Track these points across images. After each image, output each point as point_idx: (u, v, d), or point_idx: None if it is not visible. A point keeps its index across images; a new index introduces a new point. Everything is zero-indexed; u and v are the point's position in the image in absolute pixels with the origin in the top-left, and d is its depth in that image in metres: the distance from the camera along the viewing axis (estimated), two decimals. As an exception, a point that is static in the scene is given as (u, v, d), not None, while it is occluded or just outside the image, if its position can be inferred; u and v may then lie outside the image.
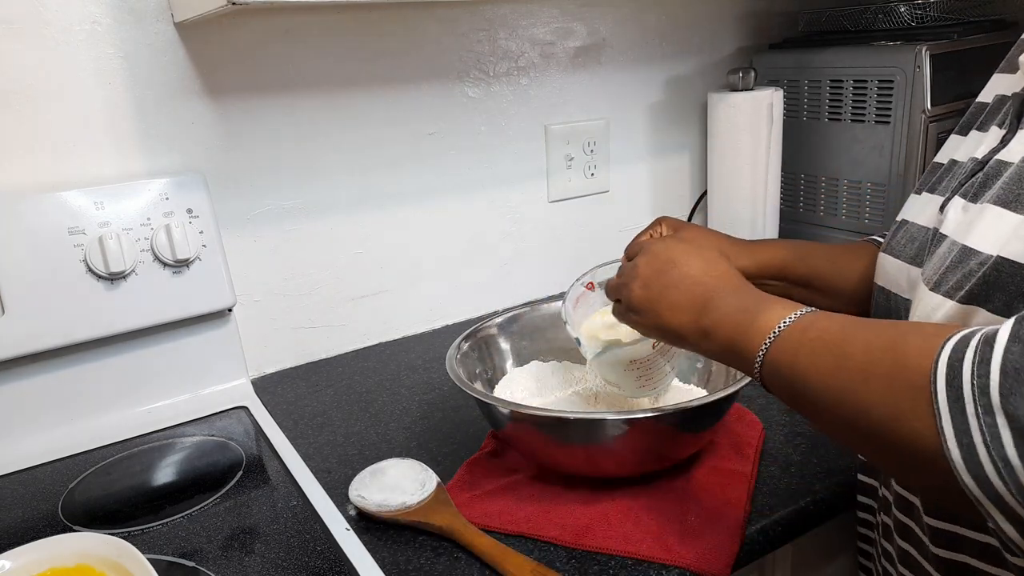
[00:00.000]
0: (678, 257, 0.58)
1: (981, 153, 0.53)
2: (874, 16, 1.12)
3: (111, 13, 0.83)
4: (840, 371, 0.42)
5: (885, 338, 0.41)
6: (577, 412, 0.73)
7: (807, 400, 0.45)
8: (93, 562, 0.54)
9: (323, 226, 1.01)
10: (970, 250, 0.46)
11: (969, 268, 0.45)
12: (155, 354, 0.88)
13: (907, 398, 0.38)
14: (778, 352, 0.47)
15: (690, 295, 0.55)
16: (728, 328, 0.52)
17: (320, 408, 0.91)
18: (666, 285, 0.57)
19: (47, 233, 0.79)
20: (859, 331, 0.43)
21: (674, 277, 0.57)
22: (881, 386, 0.40)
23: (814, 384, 0.44)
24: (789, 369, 0.46)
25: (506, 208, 1.16)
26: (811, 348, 0.45)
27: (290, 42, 0.93)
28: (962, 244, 0.47)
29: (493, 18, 1.07)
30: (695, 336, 0.54)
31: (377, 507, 0.67)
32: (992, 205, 0.46)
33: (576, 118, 1.18)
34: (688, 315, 0.55)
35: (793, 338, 0.47)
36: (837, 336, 0.44)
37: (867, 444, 0.42)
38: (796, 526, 0.66)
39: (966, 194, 0.50)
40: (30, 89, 0.81)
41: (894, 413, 0.39)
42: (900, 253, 0.57)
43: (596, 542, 0.62)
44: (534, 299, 1.20)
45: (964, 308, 0.45)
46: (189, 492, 0.74)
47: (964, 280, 0.45)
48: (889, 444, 0.40)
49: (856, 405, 0.41)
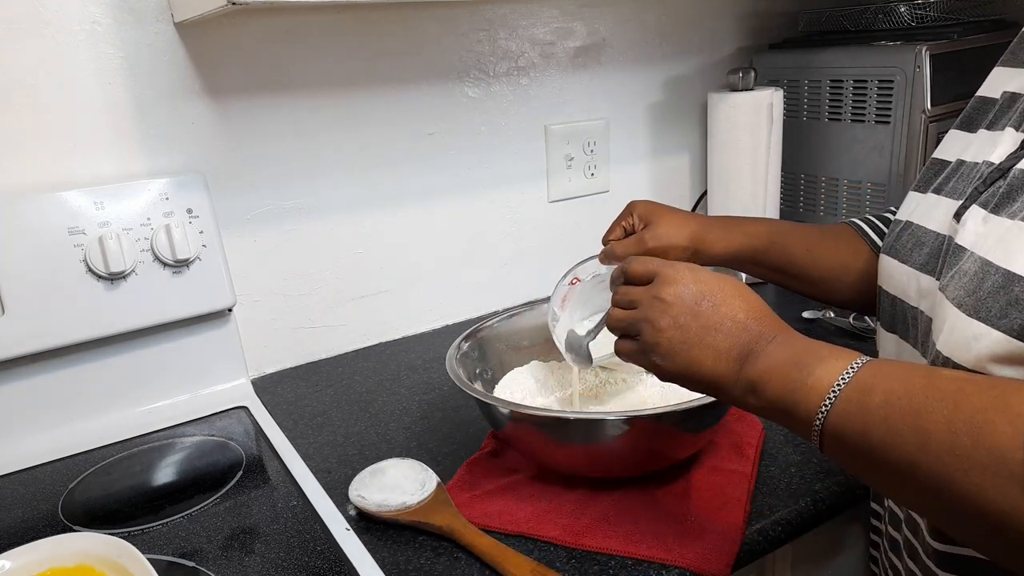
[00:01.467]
0: (716, 292, 0.51)
1: (998, 158, 0.50)
2: (874, 16, 1.12)
3: (111, 13, 0.83)
4: (926, 453, 0.38)
5: (965, 415, 0.38)
6: (577, 412, 0.73)
7: (882, 476, 0.42)
8: (93, 562, 0.54)
9: (323, 226, 1.01)
10: (1014, 276, 0.42)
11: (1015, 296, 0.41)
12: (155, 354, 0.88)
13: (1006, 488, 0.35)
14: (841, 419, 0.42)
15: (735, 340, 0.48)
16: (778, 384, 0.46)
17: (320, 408, 0.91)
18: (705, 327, 0.49)
19: (47, 233, 0.79)
20: (932, 403, 0.39)
21: (714, 318, 0.49)
22: (979, 479, 0.36)
23: (894, 463, 0.40)
24: (860, 440, 0.41)
25: (506, 208, 1.16)
26: (883, 419, 0.40)
27: (290, 42, 0.93)
28: (1004, 269, 0.43)
29: (493, 18, 1.07)
30: (738, 389, 0.48)
31: (377, 507, 0.67)
32: None
33: (576, 118, 1.18)
34: (730, 364, 0.48)
35: (855, 402, 0.42)
36: (909, 408, 0.39)
37: (953, 521, 0.40)
38: (796, 526, 0.66)
39: (987, 204, 0.47)
40: (30, 89, 0.81)
41: (992, 502, 0.36)
42: (907, 258, 0.55)
43: (596, 542, 0.62)
44: (534, 299, 1.20)
45: (1015, 344, 0.41)
46: (189, 492, 0.74)
47: (1010, 309, 0.42)
48: (980, 528, 0.37)
49: (942, 488, 0.38)
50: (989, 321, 0.43)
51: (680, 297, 0.51)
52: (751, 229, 0.72)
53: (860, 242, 0.70)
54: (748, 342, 0.48)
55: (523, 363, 0.85)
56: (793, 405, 0.45)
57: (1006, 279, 0.42)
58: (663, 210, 0.74)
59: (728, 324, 0.49)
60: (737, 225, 0.73)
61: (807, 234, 0.71)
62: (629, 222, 0.74)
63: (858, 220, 0.72)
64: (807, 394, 0.44)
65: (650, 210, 0.73)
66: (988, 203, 0.47)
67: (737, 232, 0.71)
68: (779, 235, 0.71)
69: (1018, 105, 0.52)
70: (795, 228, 0.72)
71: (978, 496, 0.36)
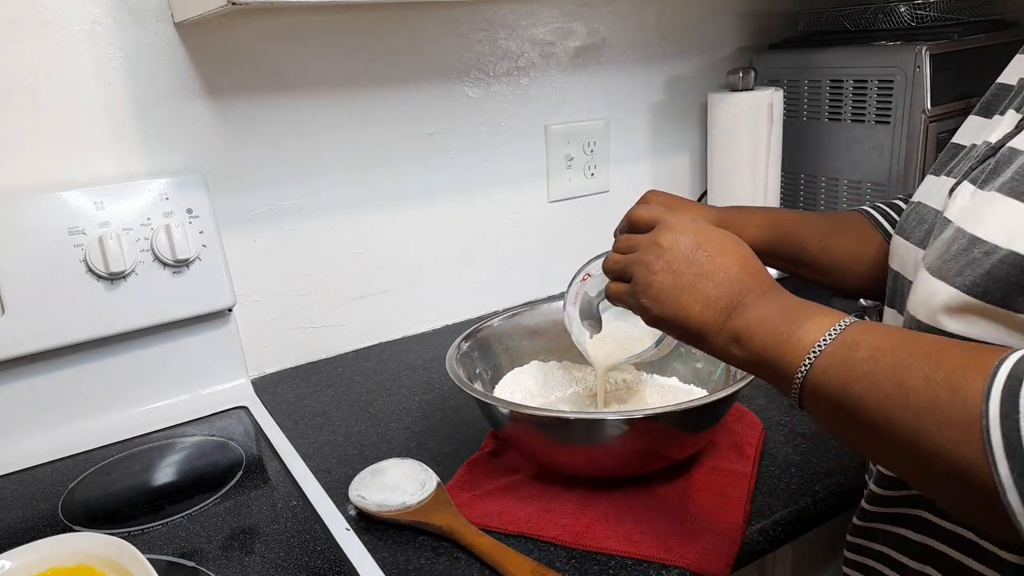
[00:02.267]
0: (713, 243, 0.51)
1: (995, 138, 0.51)
2: (874, 16, 1.12)
3: (111, 13, 0.83)
4: (904, 407, 0.39)
5: (944, 373, 0.38)
6: (577, 412, 0.73)
7: (856, 428, 0.42)
8: (93, 562, 0.54)
9: (323, 226, 1.01)
10: (977, 239, 0.44)
11: (973, 257, 0.43)
12: (155, 354, 0.88)
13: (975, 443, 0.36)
14: (824, 373, 0.43)
15: (725, 290, 0.49)
16: (764, 335, 0.46)
17: (320, 408, 0.91)
18: (698, 274, 0.50)
19: (47, 233, 0.79)
20: (915, 360, 0.40)
21: (708, 267, 0.50)
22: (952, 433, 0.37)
23: (870, 415, 0.41)
24: (839, 393, 0.42)
25: (506, 208, 1.16)
26: (865, 374, 0.41)
27: (290, 42, 0.93)
28: (970, 233, 0.45)
29: (493, 18, 1.07)
30: (722, 339, 0.49)
31: (377, 507, 0.67)
32: (1000, 194, 0.44)
33: (576, 118, 1.18)
34: (717, 314, 0.49)
35: (840, 357, 0.42)
36: (891, 363, 0.40)
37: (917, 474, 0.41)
38: (796, 526, 0.66)
39: (976, 180, 0.49)
40: (30, 89, 0.81)
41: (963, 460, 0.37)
42: (910, 235, 0.56)
43: (596, 542, 0.62)
44: (534, 299, 1.20)
45: (964, 298, 0.44)
46: (189, 492, 0.74)
47: (966, 268, 0.44)
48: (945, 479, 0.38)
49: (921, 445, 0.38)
50: (947, 279, 0.45)
51: (677, 243, 0.52)
52: (764, 221, 0.72)
53: (871, 229, 0.70)
54: (739, 293, 0.49)
55: (523, 363, 0.85)
56: (778, 357, 0.45)
57: (970, 242, 0.44)
58: (679, 203, 0.72)
59: (721, 274, 0.50)
60: (751, 216, 0.72)
61: (819, 224, 0.71)
62: None
63: (868, 207, 0.72)
64: (792, 347, 0.44)
65: (664, 201, 0.71)
66: (977, 179, 0.48)
67: (752, 225, 0.71)
68: (792, 225, 0.71)
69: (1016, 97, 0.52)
70: (807, 218, 0.72)
71: (952, 451, 0.37)
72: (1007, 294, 0.42)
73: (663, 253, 0.52)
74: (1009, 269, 0.41)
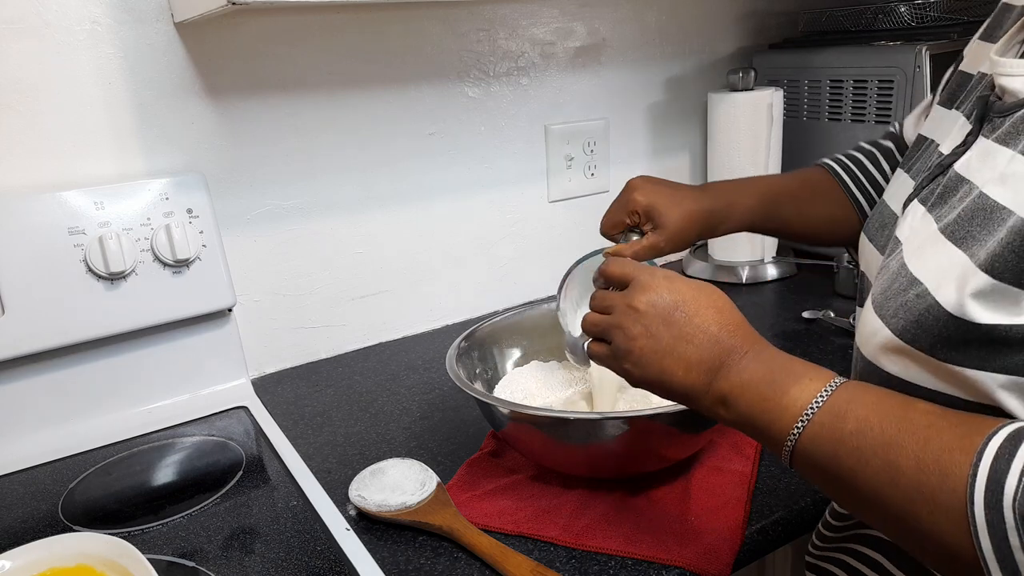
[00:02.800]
0: (690, 303, 0.50)
1: (947, 148, 0.50)
2: (874, 16, 1.12)
3: (111, 13, 0.83)
4: (894, 486, 0.39)
5: (933, 453, 0.38)
6: (577, 412, 0.73)
7: (850, 498, 0.43)
8: (93, 562, 0.54)
9: (323, 226, 1.01)
10: (915, 280, 0.43)
11: (908, 299, 0.43)
12: (155, 354, 0.88)
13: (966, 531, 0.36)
14: (813, 441, 0.43)
15: (707, 352, 0.48)
16: (750, 399, 0.46)
17: (320, 408, 0.91)
18: (677, 337, 0.49)
19: (47, 233, 0.79)
20: (903, 437, 0.40)
21: (687, 329, 0.49)
22: (943, 519, 0.37)
23: (863, 491, 0.41)
24: (830, 463, 0.42)
25: (506, 208, 1.16)
26: (855, 448, 0.41)
27: (290, 42, 0.93)
28: (910, 272, 0.44)
29: (493, 18, 1.07)
30: (708, 400, 0.48)
31: (377, 507, 0.67)
32: (943, 236, 0.43)
33: (576, 118, 1.18)
34: (700, 376, 0.48)
35: (829, 428, 0.42)
36: (880, 440, 0.40)
37: (914, 548, 0.41)
38: (796, 526, 0.66)
39: (926, 200, 0.48)
40: (30, 89, 0.81)
41: (954, 546, 0.37)
42: (874, 238, 0.56)
43: (596, 542, 0.62)
44: (534, 299, 1.20)
45: (897, 342, 0.43)
46: (189, 492, 0.74)
47: (901, 310, 0.43)
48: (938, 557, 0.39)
49: (912, 525, 0.39)
50: (885, 318, 0.44)
51: (654, 305, 0.50)
52: (748, 202, 0.75)
53: (842, 194, 0.76)
54: (720, 355, 0.48)
55: (523, 363, 0.85)
56: (766, 424, 0.45)
57: (909, 282, 0.44)
58: (665, 201, 0.72)
59: (701, 336, 0.49)
60: (736, 201, 0.75)
61: (795, 195, 0.76)
62: (634, 218, 0.73)
63: (832, 163, 0.77)
64: (780, 414, 0.44)
65: (653, 202, 0.72)
66: (927, 200, 0.48)
67: (736, 213, 0.75)
68: (770, 202, 0.76)
69: (973, 90, 0.51)
70: (782, 189, 0.77)
71: (941, 536, 0.37)
72: (932, 343, 0.41)
73: (640, 317, 0.51)
74: (933, 319, 0.41)
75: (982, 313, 0.38)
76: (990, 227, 0.40)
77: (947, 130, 0.52)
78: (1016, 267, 0.37)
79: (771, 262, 1.23)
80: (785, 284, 1.21)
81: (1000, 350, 0.38)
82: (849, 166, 0.77)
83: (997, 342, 0.38)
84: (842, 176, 0.76)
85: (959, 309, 0.39)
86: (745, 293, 1.19)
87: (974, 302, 0.39)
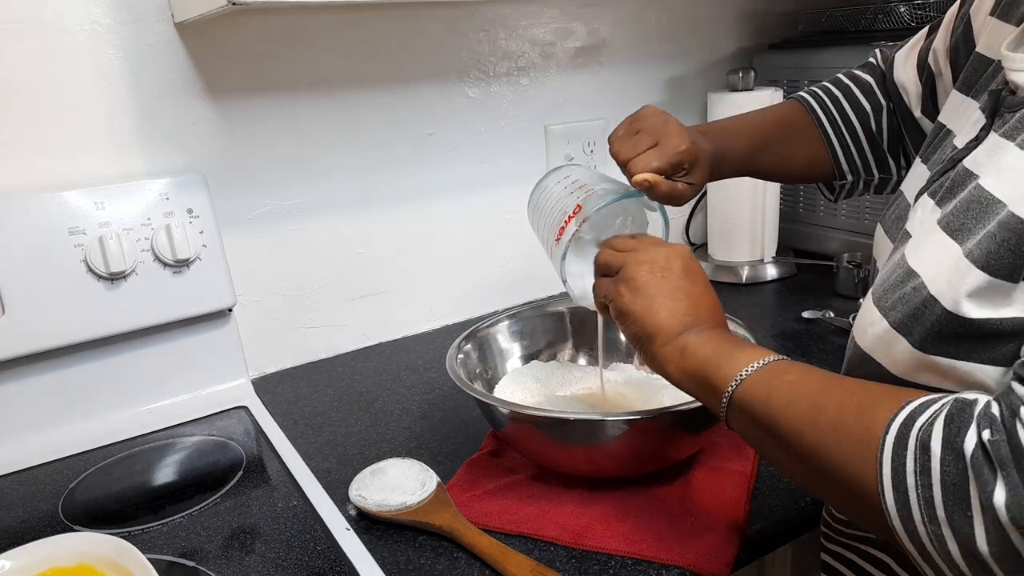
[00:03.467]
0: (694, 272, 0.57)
1: (961, 141, 0.50)
2: (874, 16, 1.12)
3: (111, 13, 0.83)
4: (814, 424, 0.43)
5: (857, 400, 0.42)
6: (577, 412, 0.73)
7: (771, 441, 0.46)
8: (93, 562, 0.54)
9: (323, 226, 1.01)
10: (912, 272, 0.45)
11: (905, 291, 0.45)
12: (155, 354, 0.88)
13: (869, 459, 0.39)
14: (751, 387, 0.47)
15: (690, 312, 0.55)
16: (707, 351, 0.52)
17: (320, 408, 0.91)
18: (676, 289, 0.56)
19: (47, 233, 0.79)
20: (835, 388, 0.44)
21: (687, 289, 0.56)
22: (850, 449, 0.40)
23: (784, 428, 0.44)
24: (761, 407, 0.46)
25: (506, 208, 1.16)
26: (787, 393, 0.45)
27: (290, 42, 0.93)
28: (909, 265, 0.46)
29: (493, 18, 1.07)
30: (671, 347, 0.53)
31: (377, 507, 0.67)
32: (939, 227, 0.45)
33: (576, 118, 1.18)
34: (676, 324, 0.54)
35: (770, 375, 0.47)
36: (813, 388, 0.44)
37: (819, 488, 0.44)
38: (796, 526, 0.66)
39: (935, 194, 0.49)
40: (30, 89, 0.81)
41: (857, 476, 0.40)
42: (888, 229, 0.56)
43: (596, 542, 0.62)
44: (534, 299, 1.20)
45: (893, 334, 0.45)
46: (189, 492, 0.74)
47: (899, 303, 0.45)
48: (844, 495, 0.42)
49: (823, 459, 0.42)
50: (883, 311, 0.46)
51: (670, 261, 0.57)
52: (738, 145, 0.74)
53: (816, 132, 0.76)
54: (699, 319, 0.55)
55: (523, 363, 0.85)
56: (715, 369, 0.50)
57: (906, 274, 0.45)
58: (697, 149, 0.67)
59: (692, 300, 0.55)
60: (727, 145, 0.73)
61: (776, 141, 0.76)
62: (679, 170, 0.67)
63: (808, 98, 0.77)
64: (731, 363, 0.49)
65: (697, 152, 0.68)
66: (936, 193, 0.49)
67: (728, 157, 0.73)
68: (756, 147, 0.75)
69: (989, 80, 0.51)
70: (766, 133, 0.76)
71: (848, 468, 0.40)
72: (924, 337, 0.42)
73: (657, 259, 0.57)
74: (929, 314, 0.42)
75: (974, 309, 0.39)
76: (984, 220, 0.41)
77: (963, 121, 0.52)
78: (1007, 262, 0.38)
79: (771, 262, 1.23)
80: (785, 284, 1.21)
81: (989, 342, 0.40)
82: (826, 103, 0.76)
83: (987, 336, 0.39)
84: (819, 115, 0.76)
85: (954, 305, 0.40)
86: (745, 293, 1.19)
87: (967, 298, 0.40)
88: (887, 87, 0.73)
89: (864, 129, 0.74)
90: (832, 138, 0.75)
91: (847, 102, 0.75)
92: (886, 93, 0.73)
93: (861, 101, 0.74)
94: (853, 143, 0.75)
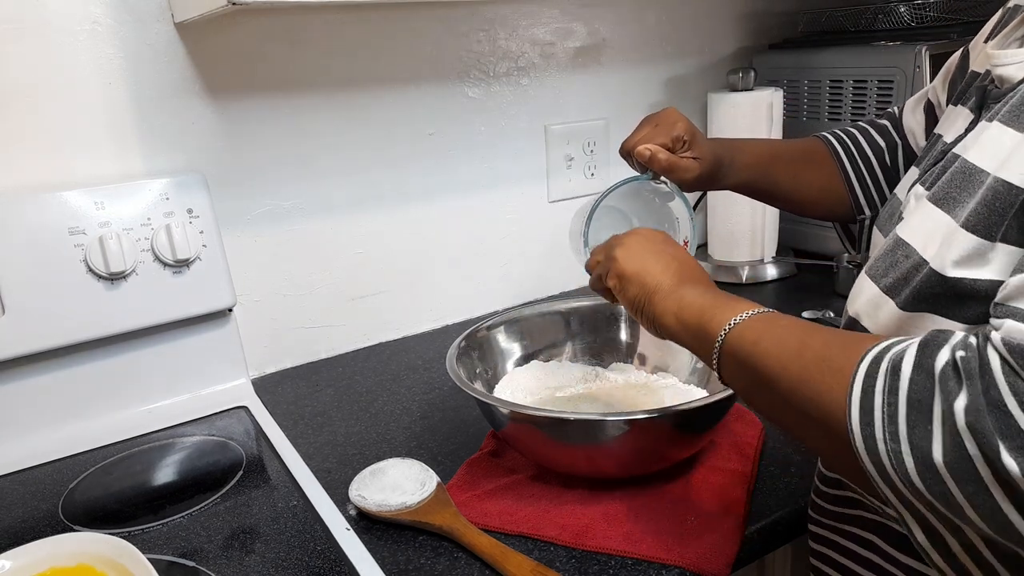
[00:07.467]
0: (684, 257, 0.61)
1: (951, 136, 0.53)
2: (874, 16, 1.12)
3: (111, 13, 0.83)
4: (799, 357, 0.44)
5: (843, 338, 0.44)
6: (577, 412, 0.73)
7: (757, 383, 0.47)
8: (93, 562, 0.54)
9: (323, 226, 1.01)
10: (901, 241, 0.47)
11: (896, 258, 0.47)
12: (155, 354, 0.88)
13: (844, 395, 0.40)
14: (743, 331, 0.49)
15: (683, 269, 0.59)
16: (704, 301, 0.54)
17: (320, 408, 0.91)
18: (661, 251, 0.61)
19: (47, 233, 0.79)
20: (823, 329, 0.45)
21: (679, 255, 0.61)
22: (831, 379, 0.41)
23: (771, 365, 0.46)
24: (750, 347, 0.48)
25: (506, 208, 1.16)
26: (777, 335, 0.47)
27: (290, 42, 0.93)
28: (898, 235, 0.48)
29: (493, 18, 1.07)
30: (669, 300, 0.56)
31: (377, 507, 0.67)
32: (927, 201, 0.47)
33: (576, 118, 1.18)
34: (671, 279, 0.58)
35: (762, 322, 0.49)
36: (802, 328, 0.46)
37: (800, 426, 0.45)
38: (796, 526, 0.66)
39: (926, 182, 0.51)
40: (30, 89, 0.81)
41: (835, 404, 0.41)
42: (883, 227, 0.58)
43: (596, 542, 0.62)
44: (534, 299, 1.20)
45: (881, 296, 0.47)
46: (189, 492, 0.74)
47: (890, 269, 0.47)
48: (820, 428, 0.42)
49: (804, 391, 0.43)
50: (875, 279, 0.49)
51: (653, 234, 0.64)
52: (747, 160, 0.77)
53: (833, 164, 0.78)
54: (693, 277, 0.58)
55: (523, 363, 0.85)
56: (709, 318, 0.52)
57: (896, 244, 0.48)
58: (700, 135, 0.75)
59: (680, 262, 0.60)
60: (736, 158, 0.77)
61: (790, 161, 0.79)
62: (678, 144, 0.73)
63: (830, 137, 0.79)
64: (724, 311, 0.51)
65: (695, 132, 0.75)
66: (927, 181, 0.51)
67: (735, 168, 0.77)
68: (767, 164, 0.78)
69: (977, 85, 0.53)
70: (779, 154, 0.79)
71: (824, 397, 0.41)
72: (907, 298, 0.45)
73: (641, 233, 0.63)
74: (918, 275, 0.44)
75: (956, 269, 0.42)
76: (970, 189, 0.43)
77: (952, 123, 0.55)
78: (983, 218, 0.40)
79: (771, 262, 1.23)
80: (785, 284, 1.21)
81: (964, 303, 0.42)
82: (844, 139, 0.78)
83: (963, 295, 0.42)
84: (835, 148, 0.78)
85: (940, 266, 0.42)
86: (745, 293, 1.18)
87: (953, 262, 0.42)
88: (901, 131, 0.76)
89: (880, 163, 0.76)
90: (849, 170, 0.77)
91: (863, 139, 0.78)
92: (900, 135, 0.75)
93: (876, 139, 0.77)
94: (869, 176, 0.77)
